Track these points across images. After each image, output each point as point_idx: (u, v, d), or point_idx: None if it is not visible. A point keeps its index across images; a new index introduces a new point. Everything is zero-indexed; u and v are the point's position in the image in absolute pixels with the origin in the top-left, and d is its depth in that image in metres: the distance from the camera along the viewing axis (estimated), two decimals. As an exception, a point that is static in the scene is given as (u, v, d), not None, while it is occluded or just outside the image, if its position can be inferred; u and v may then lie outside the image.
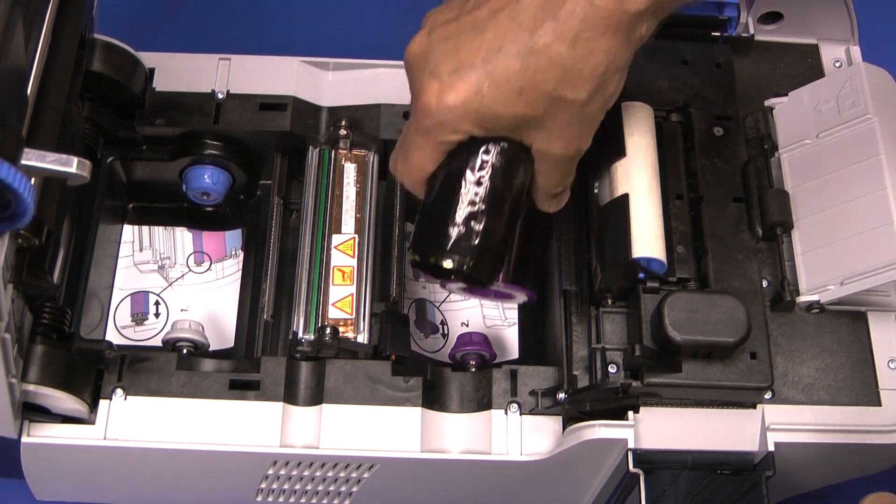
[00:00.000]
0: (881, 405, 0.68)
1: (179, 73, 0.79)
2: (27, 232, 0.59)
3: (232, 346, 0.79)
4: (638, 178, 0.68)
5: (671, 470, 0.67)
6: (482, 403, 0.70)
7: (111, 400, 0.68)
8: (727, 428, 0.67)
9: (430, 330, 0.81)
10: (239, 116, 0.78)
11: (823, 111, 0.75)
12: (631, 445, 0.66)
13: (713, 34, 0.79)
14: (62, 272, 0.71)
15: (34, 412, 0.67)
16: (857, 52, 0.79)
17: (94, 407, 0.68)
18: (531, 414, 0.70)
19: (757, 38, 0.80)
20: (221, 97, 0.78)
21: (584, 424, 0.67)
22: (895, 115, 0.72)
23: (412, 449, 0.68)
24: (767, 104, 0.77)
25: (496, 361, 0.76)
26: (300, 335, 0.72)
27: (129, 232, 0.82)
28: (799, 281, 0.70)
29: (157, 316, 0.80)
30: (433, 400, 0.70)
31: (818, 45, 0.80)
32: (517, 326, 0.81)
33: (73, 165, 0.53)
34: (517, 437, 0.69)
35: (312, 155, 0.79)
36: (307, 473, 0.70)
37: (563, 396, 0.68)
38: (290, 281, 0.76)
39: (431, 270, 0.63)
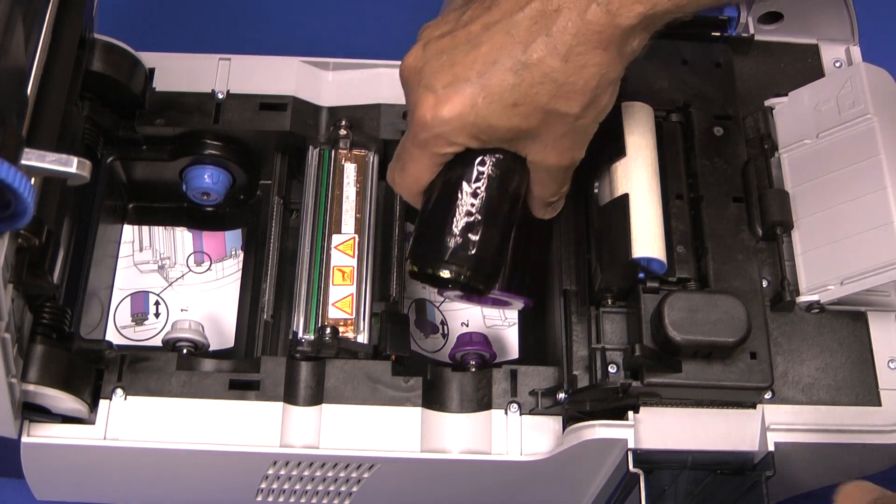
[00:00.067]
0: (881, 405, 0.68)
1: (179, 73, 0.79)
2: (27, 232, 0.59)
3: (232, 346, 0.79)
4: (638, 177, 0.68)
5: (671, 470, 0.67)
6: (482, 403, 0.70)
7: (111, 400, 0.68)
8: (727, 428, 0.67)
9: (430, 330, 0.81)
10: (239, 116, 0.78)
11: (823, 111, 0.75)
12: (631, 445, 0.66)
13: (713, 34, 0.79)
14: (62, 272, 0.71)
15: (34, 412, 0.67)
16: (857, 52, 0.79)
17: (94, 407, 0.68)
18: (531, 414, 0.70)
19: (757, 38, 0.80)
20: (221, 97, 0.78)
21: (584, 424, 0.67)
22: (895, 115, 0.72)
23: (412, 449, 0.68)
24: (767, 104, 0.77)
25: (496, 361, 0.76)
26: (300, 335, 0.72)
27: (129, 232, 0.82)
28: (799, 281, 0.70)
29: (157, 316, 0.80)
30: (433, 400, 0.70)
31: (818, 45, 0.80)
32: (517, 326, 0.81)
33: (73, 165, 0.53)
34: (517, 437, 0.69)
35: (312, 155, 0.79)
36: (307, 473, 0.70)
37: (563, 396, 0.68)
38: (290, 281, 0.76)
39: (429, 280, 0.64)
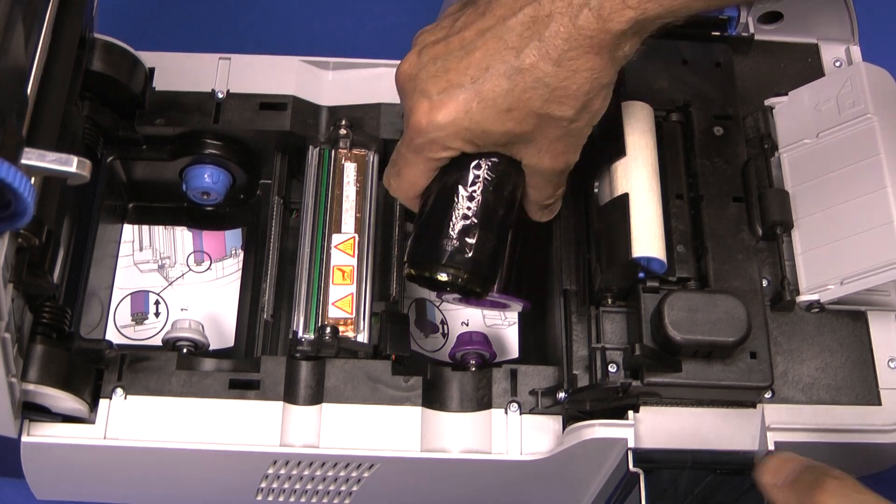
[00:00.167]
0: (881, 405, 0.68)
1: (179, 72, 0.79)
2: (27, 232, 0.59)
3: (232, 345, 0.79)
4: (638, 177, 0.68)
5: (671, 469, 0.67)
6: (482, 403, 0.70)
7: (111, 399, 0.68)
8: (727, 427, 0.67)
9: (430, 329, 0.81)
10: (239, 116, 0.78)
11: (823, 111, 0.75)
12: (631, 445, 0.66)
13: (713, 34, 0.79)
14: (62, 272, 0.71)
15: (34, 411, 0.67)
16: (857, 51, 0.79)
17: (94, 406, 0.68)
18: (531, 413, 0.70)
19: (757, 37, 0.80)
20: (221, 97, 0.78)
21: (584, 424, 0.67)
22: (895, 115, 0.72)
23: (412, 448, 0.68)
24: (767, 104, 0.77)
25: (496, 361, 0.76)
26: (300, 335, 0.72)
27: (129, 231, 0.82)
28: (799, 280, 0.70)
29: (157, 315, 0.80)
30: (433, 399, 0.70)
31: (818, 44, 0.80)
32: (517, 326, 0.81)
33: (73, 165, 0.53)
34: (517, 436, 0.69)
35: (312, 154, 0.79)
36: (307, 473, 0.70)
37: (563, 396, 0.68)
38: (290, 280, 0.76)
39: (427, 283, 0.65)
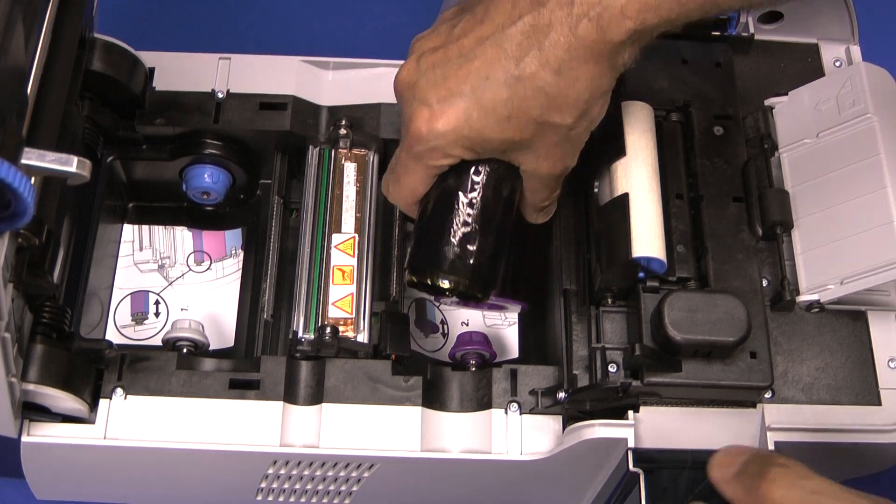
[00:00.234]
0: (881, 405, 0.68)
1: (179, 72, 0.79)
2: (27, 231, 0.59)
3: (232, 345, 0.79)
4: (638, 177, 0.68)
5: (671, 469, 0.67)
6: (482, 403, 0.70)
7: (111, 399, 0.68)
8: (727, 427, 0.67)
9: (430, 329, 0.81)
10: (239, 116, 0.78)
11: (823, 111, 0.74)
12: (631, 445, 0.65)
13: (713, 34, 0.79)
14: (62, 272, 0.71)
15: (34, 411, 0.67)
16: (857, 51, 0.79)
17: (94, 406, 0.68)
18: (531, 413, 0.70)
19: (757, 37, 0.80)
20: (221, 96, 0.78)
21: (584, 424, 0.67)
22: (895, 114, 0.72)
23: (412, 448, 0.68)
24: (767, 104, 0.77)
25: (496, 361, 0.76)
26: (300, 334, 0.72)
27: (129, 231, 0.82)
28: (799, 280, 0.70)
29: (157, 315, 0.80)
30: (433, 399, 0.70)
31: (818, 44, 0.80)
32: (517, 326, 0.81)
33: (72, 165, 0.53)
34: (517, 436, 0.69)
35: (312, 154, 0.79)
36: (307, 473, 0.70)
37: (563, 396, 0.68)
38: (290, 280, 0.76)
39: (428, 289, 0.66)
